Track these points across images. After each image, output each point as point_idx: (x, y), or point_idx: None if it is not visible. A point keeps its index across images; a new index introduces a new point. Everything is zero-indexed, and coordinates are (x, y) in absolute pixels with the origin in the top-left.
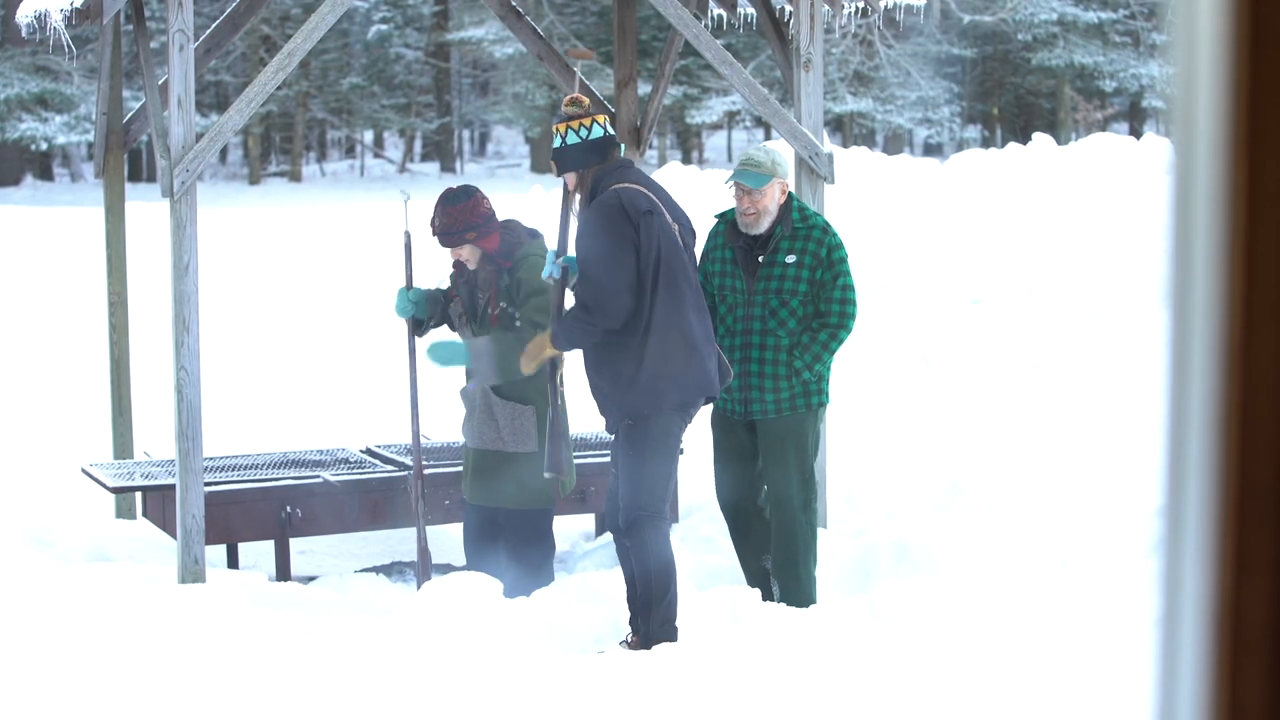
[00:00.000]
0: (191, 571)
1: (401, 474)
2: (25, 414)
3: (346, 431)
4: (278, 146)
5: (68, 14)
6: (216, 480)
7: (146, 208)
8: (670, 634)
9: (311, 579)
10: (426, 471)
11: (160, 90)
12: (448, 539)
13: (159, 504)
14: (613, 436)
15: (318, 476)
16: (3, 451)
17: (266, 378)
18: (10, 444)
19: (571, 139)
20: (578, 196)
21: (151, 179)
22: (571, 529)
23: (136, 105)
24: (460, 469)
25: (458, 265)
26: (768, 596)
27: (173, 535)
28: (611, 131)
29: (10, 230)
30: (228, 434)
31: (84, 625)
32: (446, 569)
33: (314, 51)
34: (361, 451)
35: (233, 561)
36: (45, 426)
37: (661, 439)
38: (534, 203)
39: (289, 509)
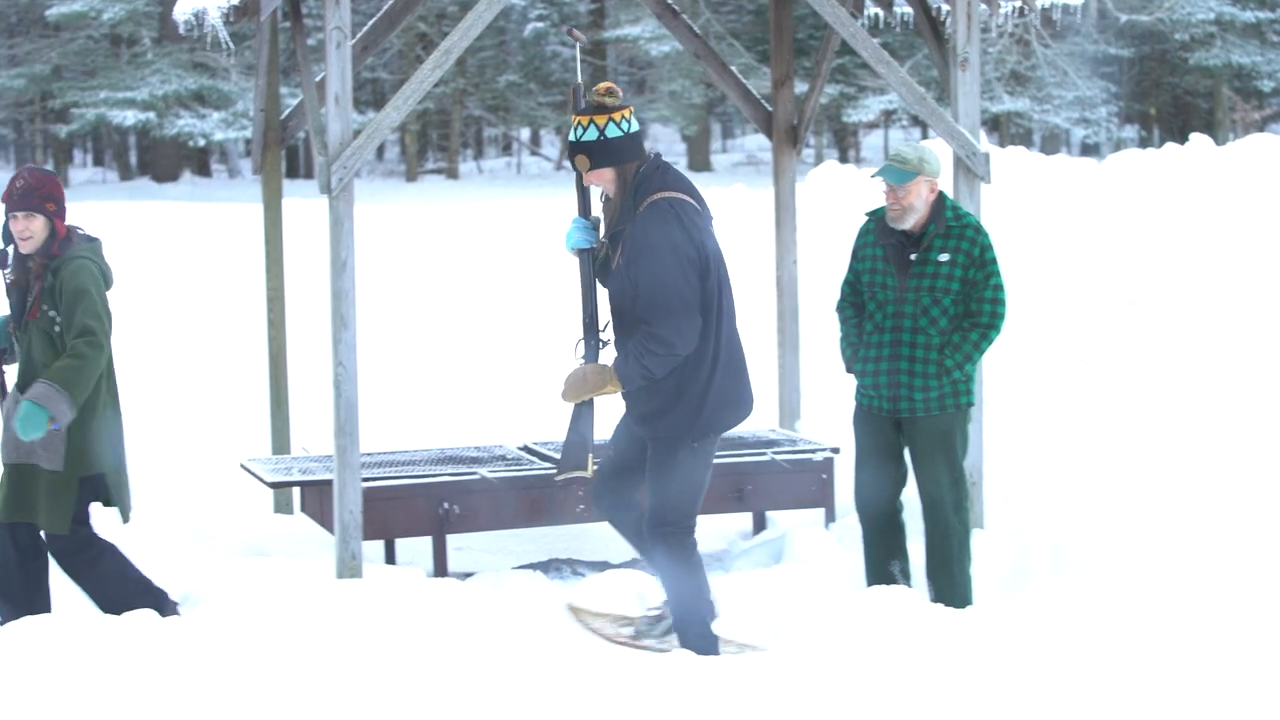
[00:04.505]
0: (349, 567)
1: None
2: (185, 410)
3: (504, 428)
4: (435, 144)
5: (225, 11)
6: (374, 476)
7: (304, 204)
8: (711, 647)
9: (468, 575)
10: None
11: (317, 87)
12: (605, 536)
13: (316, 499)
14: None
15: (475, 473)
16: (163, 447)
17: (424, 374)
18: (170, 439)
19: (613, 132)
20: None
21: (309, 175)
22: (728, 528)
23: (294, 102)
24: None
25: (17, 259)
26: None
27: (330, 531)
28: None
29: (169, 226)
30: (385, 430)
31: (242, 620)
32: (603, 566)
33: (471, 49)
34: (519, 448)
35: (390, 557)
36: (204, 422)
37: (707, 458)
38: None
39: (447, 505)
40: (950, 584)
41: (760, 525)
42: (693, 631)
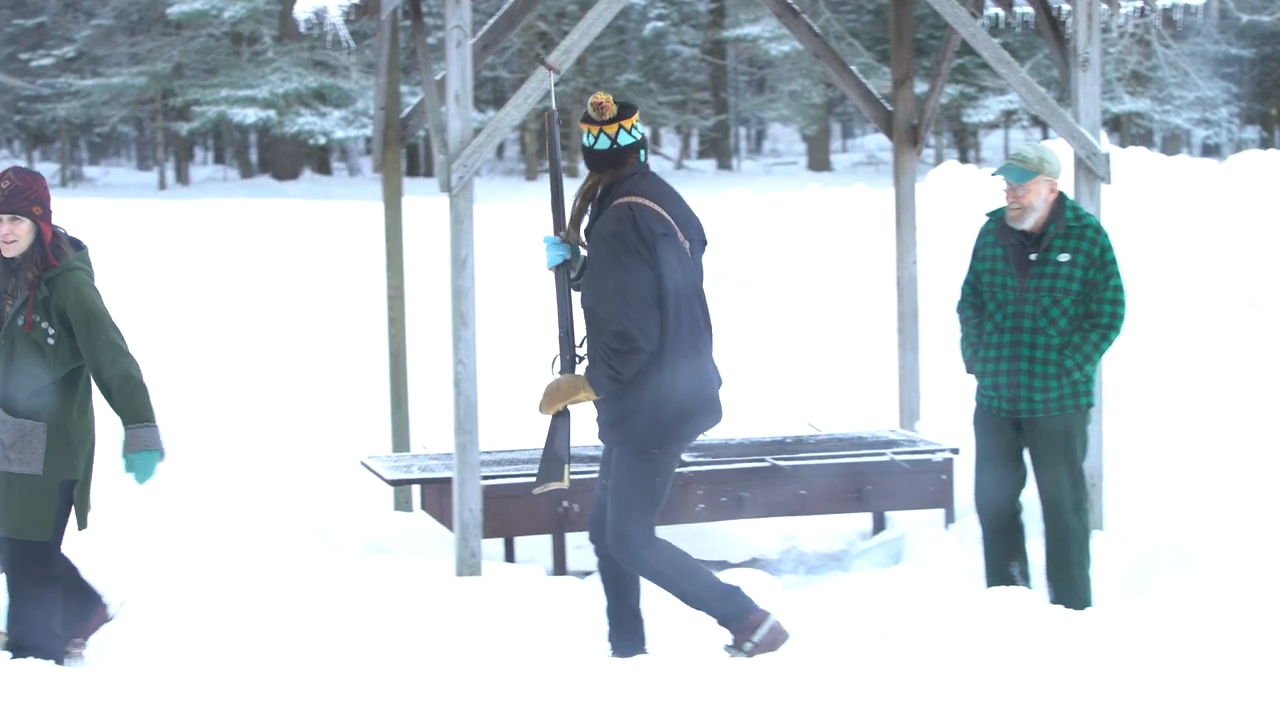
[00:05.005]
0: (468, 565)
1: (677, 470)
2: (305, 408)
3: None
4: None
5: (346, 10)
6: (494, 474)
7: (424, 202)
8: (749, 608)
9: (588, 574)
10: (705, 469)
11: (438, 86)
12: (724, 536)
13: (436, 497)
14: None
15: (594, 472)
16: (285, 445)
17: (543, 372)
18: (291, 437)
19: (596, 143)
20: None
21: (429, 173)
22: (848, 528)
23: (414, 100)
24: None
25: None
26: None
27: (450, 528)
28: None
29: (289, 224)
30: (504, 428)
31: (362, 617)
32: (722, 565)
33: (590, 48)
34: None
35: (510, 555)
36: (325, 420)
37: (667, 467)
38: (810, 201)
39: (566, 504)
40: (1070, 586)
41: (879, 525)
42: (727, 613)
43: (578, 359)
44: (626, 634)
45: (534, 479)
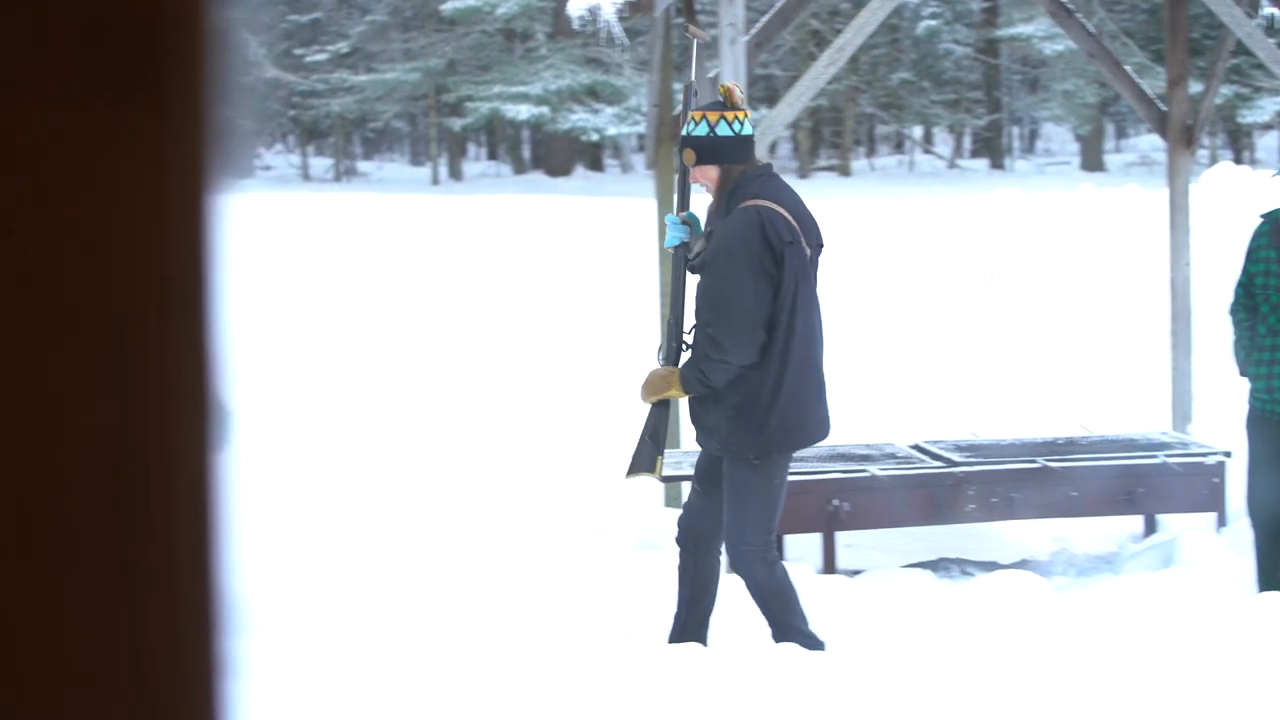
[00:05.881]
0: None
1: (948, 470)
2: (576, 404)
3: (895, 427)
4: (827, 140)
5: (619, 7)
6: None
7: (696, 199)
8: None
9: (857, 573)
10: (977, 469)
11: (711, 84)
12: (995, 537)
13: None
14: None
15: (866, 471)
16: (558, 442)
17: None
18: (564, 434)
19: (724, 130)
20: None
21: None
22: (1119, 530)
23: None
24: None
25: None
26: None
27: None
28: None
29: (561, 220)
30: None
31: (631, 612)
32: (992, 566)
33: (863, 47)
34: (910, 447)
35: (780, 553)
36: (597, 415)
37: (777, 475)
38: (1083, 201)
39: (836, 502)
40: None
41: (1151, 528)
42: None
43: (684, 347)
44: (690, 640)
45: (630, 467)
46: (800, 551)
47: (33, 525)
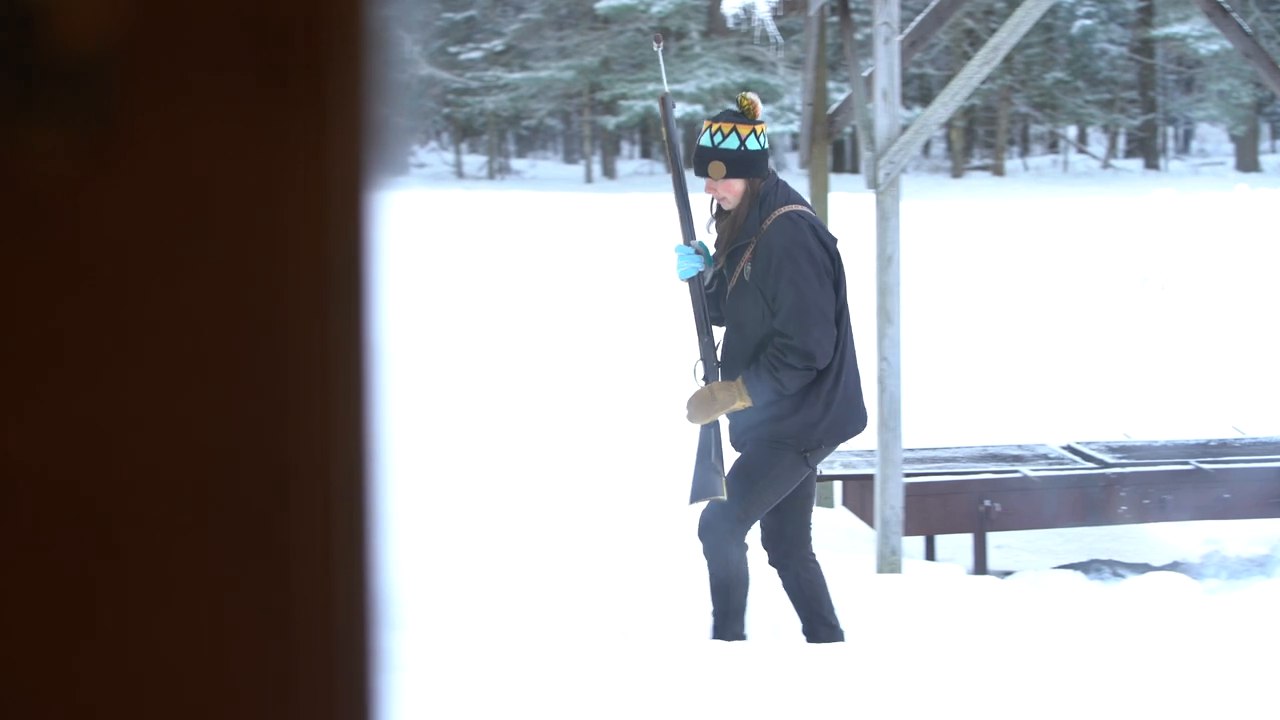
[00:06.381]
0: (889, 562)
1: (1100, 471)
2: None
3: (1047, 427)
4: (980, 140)
5: (774, 6)
6: (915, 472)
7: (849, 198)
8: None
9: (1008, 574)
10: (1130, 470)
11: (865, 83)
12: (1146, 538)
13: (858, 493)
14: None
15: (1017, 471)
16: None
17: (967, 371)
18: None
19: (753, 144)
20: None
21: (854, 170)
22: (1272, 533)
23: (841, 97)
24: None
25: None
26: None
27: (871, 525)
28: None
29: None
30: (927, 426)
31: (782, 610)
32: (1144, 569)
33: (1018, 45)
34: (1062, 448)
35: (930, 553)
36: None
37: (802, 472)
38: (1238, 202)
39: (988, 503)
40: None
41: None
42: (729, 627)
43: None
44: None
45: (694, 493)
46: (951, 552)
47: (192, 519)
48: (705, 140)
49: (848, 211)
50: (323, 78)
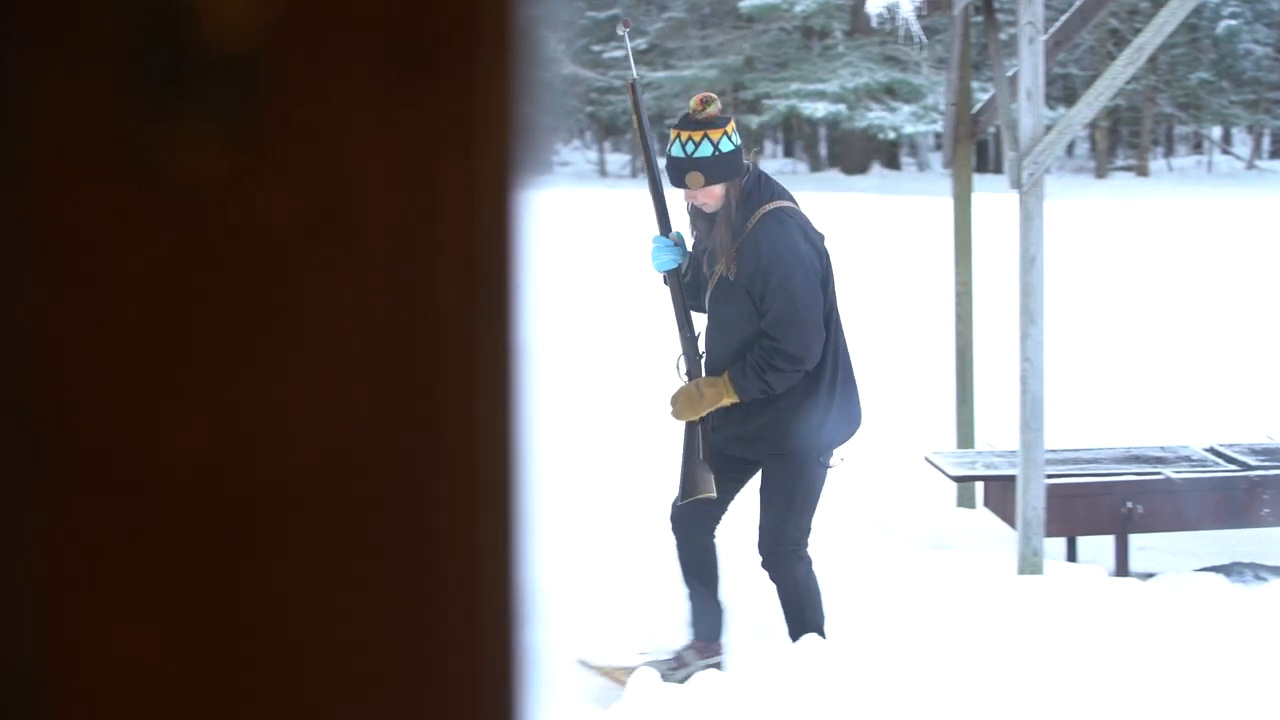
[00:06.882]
0: (1030, 563)
1: (1244, 474)
2: (872, 400)
3: (1190, 429)
4: (1124, 140)
5: (918, 5)
6: (1057, 473)
7: (992, 199)
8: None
9: (1149, 576)
10: (1272, 474)
11: (1009, 82)
12: None
13: (999, 494)
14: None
15: (1160, 473)
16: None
17: (1109, 372)
18: (861, 431)
19: (726, 146)
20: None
21: (998, 170)
22: None
23: (984, 96)
24: None
25: None
26: None
27: (1012, 526)
28: None
29: (857, 217)
30: (1069, 427)
31: (924, 611)
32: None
33: (1162, 46)
34: (1205, 450)
35: (1071, 555)
36: (891, 415)
37: (822, 475)
38: None
39: (1130, 504)
40: None
41: None
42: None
43: (700, 358)
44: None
45: (684, 490)
46: (1092, 554)
47: (339, 517)
48: (677, 151)
49: (991, 212)
50: (471, 76)
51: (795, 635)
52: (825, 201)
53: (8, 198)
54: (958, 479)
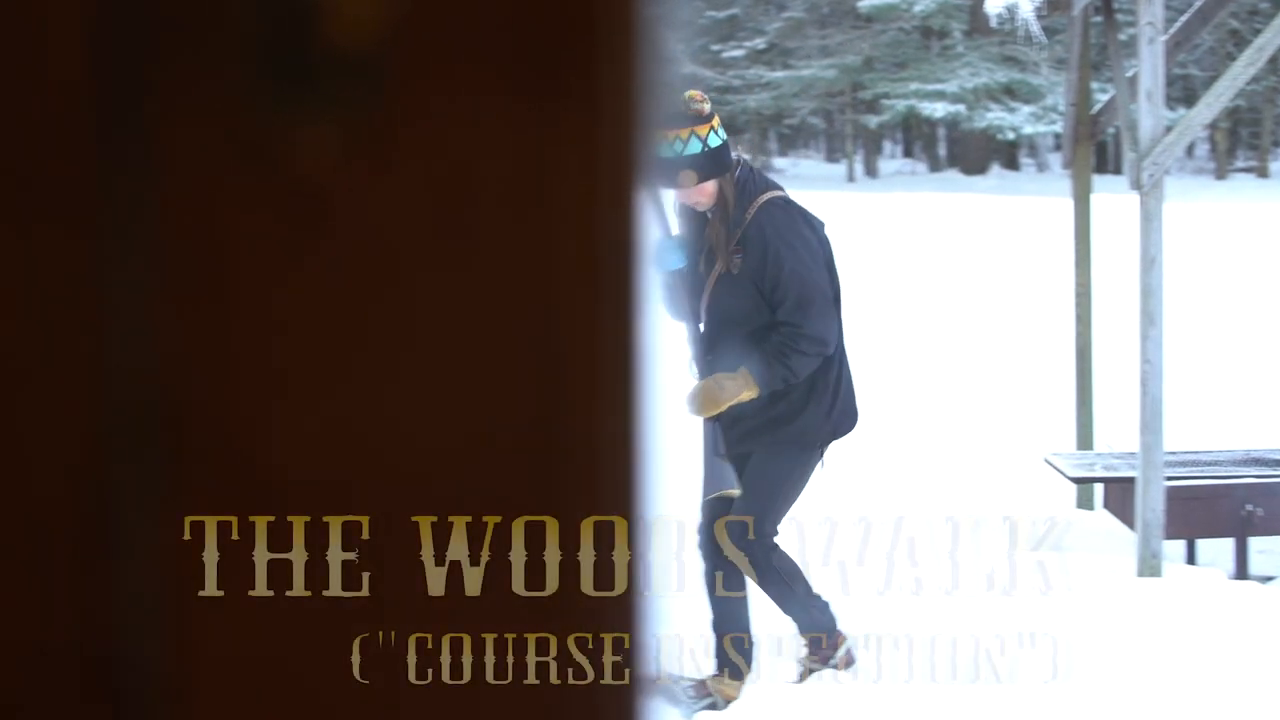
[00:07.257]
0: (1149, 565)
1: None
2: (991, 402)
3: None
4: (1244, 141)
5: (1038, 5)
6: (1177, 475)
7: (1112, 199)
8: (830, 622)
9: (1269, 579)
10: None
11: (1129, 83)
12: None
13: (1119, 496)
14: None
15: (1279, 477)
16: (971, 439)
17: (1228, 374)
18: (977, 432)
19: (714, 140)
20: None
21: (1117, 171)
22: None
23: (1104, 97)
24: None
25: None
26: None
27: (1131, 528)
28: None
29: (976, 218)
30: (1189, 429)
31: (1043, 613)
32: None
33: None
34: None
35: (1190, 557)
36: (1010, 415)
37: (812, 469)
38: None
39: (1250, 507)
40: None
41: None
42: (821, 624)
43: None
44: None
45: (707, 488)
46: (1212, 556)
47: (459, 519)
48: (666, 151)
49: (1111, 213)
50: (593, 76)
51: (787, 611)
52: (944, 202)
53: (140, 200)
54: (1077, 480)
